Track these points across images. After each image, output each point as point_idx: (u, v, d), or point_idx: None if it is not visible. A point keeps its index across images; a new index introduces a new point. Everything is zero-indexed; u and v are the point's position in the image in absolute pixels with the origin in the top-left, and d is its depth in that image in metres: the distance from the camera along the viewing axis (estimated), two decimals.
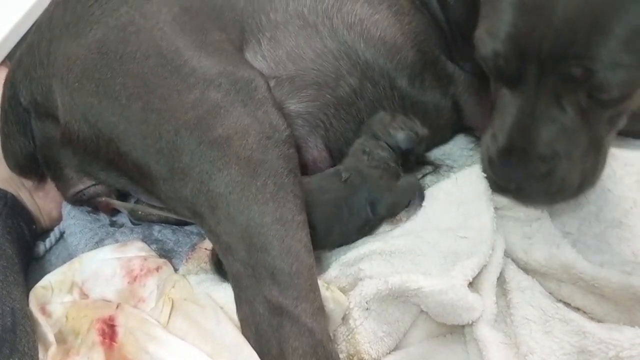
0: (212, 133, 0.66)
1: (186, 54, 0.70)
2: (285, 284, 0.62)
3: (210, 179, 0.65)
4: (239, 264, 0.64)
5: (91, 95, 0.71)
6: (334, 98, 0.82)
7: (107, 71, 0.70)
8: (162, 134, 0.67)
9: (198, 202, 0.66)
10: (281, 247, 0.63)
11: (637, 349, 0.59)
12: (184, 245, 0.82)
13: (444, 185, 0.79)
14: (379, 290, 0.66)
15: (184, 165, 0.66)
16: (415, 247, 0.72)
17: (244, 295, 0.64)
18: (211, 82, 0.68)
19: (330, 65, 0.81)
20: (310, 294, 0.63)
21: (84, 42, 0.72)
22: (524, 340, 0.64)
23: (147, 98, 0.68)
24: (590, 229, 0.79)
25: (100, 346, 0.67)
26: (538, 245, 0.71)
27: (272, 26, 0.81)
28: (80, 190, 0.82)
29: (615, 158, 0.87)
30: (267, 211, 0.64)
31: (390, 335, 0.68)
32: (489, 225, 0.72)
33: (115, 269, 0.75)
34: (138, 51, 0.70)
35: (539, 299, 0.66)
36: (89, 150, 0.74)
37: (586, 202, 0.82)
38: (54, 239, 0.89)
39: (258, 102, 0.69)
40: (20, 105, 0.78)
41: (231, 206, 0.64)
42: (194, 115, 0.67)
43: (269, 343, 0.61)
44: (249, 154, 0.66)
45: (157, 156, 0.68)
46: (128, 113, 0.69)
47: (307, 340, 0.61)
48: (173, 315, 0.68)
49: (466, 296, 0.65)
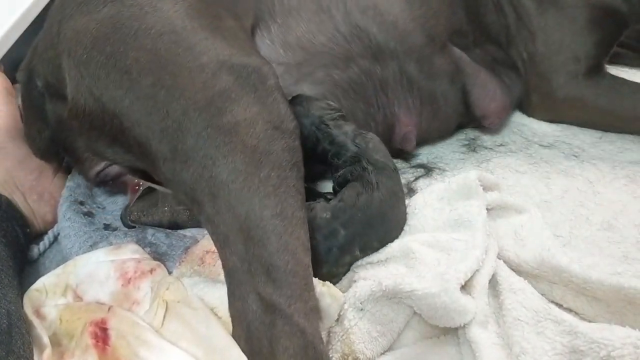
0: (220, 118, 0.64)
1: (201, 34, 0.69)
2: (280, 282, 0.60)
3: (213, 164, 0.64)
4: (236, 258, 0.62)
5: (100, 67, 0.70)
6: (342, 78, 0.83)
7: (119, 45, 0.69)
8: (169, 112, 0.66)
9: (198, 188, 0.65)
10: (279, 243, 0.61)
11: (628, 348, 0.59)
12: (177, 248, 0.82)
13: (436, 189, 0.79)
14: (373, 291, 0.67)
15: (188, 147, 0.65)
16: (409, 250, 0.72)
17: (238, 291, 0.62)
18: (223, 64, 0.67)
19: (341, 48, 0.83)
20: (305, 294, 0.62)
21: (96, 17, 0.71)
22: (516, 341, 0.65)
23: (159, 74, 0.67)
24: (581, 232, 0.80)
25: (93, 349, 0.67)
26: (529, 248, 0.72)
27: (284, 11, 0.82)
28: (100, 171, 0.82)
29: (605, 161, 0.89)
30: (268, 204, 0.62)
31: (385, 336, 0.68)
32: (481, 229, 0.72)
33: (109, 272, 0.74)
34: (153, 28, 0.69)
35: (531, 300, 0.67)
36: (95, 126, 0.73)
37: (577, 205, 0.83)
38: (48, 242, 0.89)
39: (268, 89, 0.68)
40: (36, 88, 0.79)
41: (232, 195, 0.63)
42: (203, 97, 0.65)
43: (260, 341, 0.60)
44: (255, 142, 0.64)
45: (160, 134, 0.67)
46: (137, 87, 0.68)
47: (299, 341, 0.60)
48: (167, 317, 0.68)
49: (459, 299, 0.65)
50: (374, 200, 0.72)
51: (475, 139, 0.96)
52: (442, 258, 0.70)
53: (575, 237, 0.79)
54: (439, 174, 0.90)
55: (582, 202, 0.84)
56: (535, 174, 0.88)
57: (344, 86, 0.84)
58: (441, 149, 0.95)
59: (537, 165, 0.90)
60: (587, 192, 0.85)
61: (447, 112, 0.92)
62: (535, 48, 0.94)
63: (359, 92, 0.85)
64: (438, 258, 0.71)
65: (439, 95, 0.90)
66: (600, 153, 0.90)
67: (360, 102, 0.85)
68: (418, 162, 0.93)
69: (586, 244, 0.78)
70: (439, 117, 0.91)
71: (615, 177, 0.86)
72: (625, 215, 0.81)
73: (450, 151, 0.94)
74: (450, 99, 0.92)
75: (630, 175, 0.86)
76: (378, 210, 0.73)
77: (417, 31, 0.87)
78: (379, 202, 0.73)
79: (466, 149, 0.94)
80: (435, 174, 0.90)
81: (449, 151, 0.94)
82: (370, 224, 0.72)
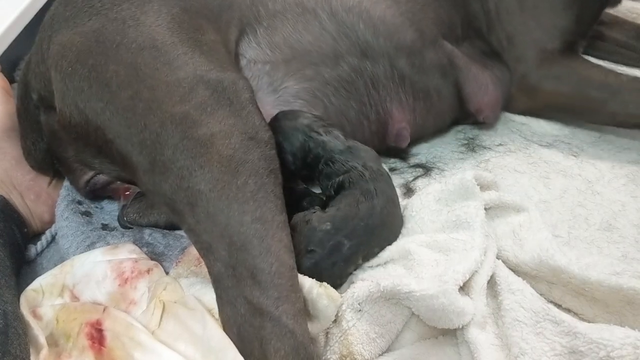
0: (196, 130, 0.66)
1: (180, 49, 0.71)
2: (265, 284, 0.61)
3: (190, 175, 0.65)
4: (220, 264, 0.63)
5: (83, 79, 0.71)
6: (332, 77, 0.83)
7: (101, 58, 0.71)
8: (147, 124, 0.67)
9: (177, 199, 0.66)
10: (261, 246, 0.62)
11: (627, 348, 0.59)
12: (175, 248, 0.82)
13: (433, 190, 0.79)
14: (371, 292, 0.66)
15: (166, 159, 0.66)
16: (407, 252, 0.72)
17: (226, 296, 0.63)
18: (200, 79, 0.69)
19: (328, 46, 0.83)
20: (292, 295, 0.62)
21: (81, 31, 0.73)
22: (515, 341, 0.65)
23: (137, 87, 0.68)
24: (580, 232, 0.80)
25: (90, 350, 0.67)
26: (528, 249, 0.72)
27: (270, 15, 0.83)
28: (89, 179, 0.83)
29: (604, 161, 0.89)
30: (247, 210, 0.63)
31: (383, 337, 0.68)
32: (479, 230, 0.72)
33: (106, 272, 0.74)
34: (134, 42, 0.71)
35: (529, 301, 0.66)
36: (81, 136, 0.75)
37: (576, 205, 0.83)
38: (45, 242, 0.89)
39: (243, 102, 0.69)
40: (32, 102, 0.80)
41: (210, 204, 0.64)
42: (180, 110, 0.67)
43: (251, 344, 0.61)
44: (231, 152, 0.65)
45: (139, 147, 0.68)
46: (116, 100, 0.69)
47: (289, 342, 0.60)
48: (164, 318, 0.68)
49: (457, 301, 0.65)
50: (375, 208, 0.72)
51: (474, 139, 0.96)
52: (441, 259, 0.70)
53: (574, 237, 0.79)
54: (437, 174, 0.89)
55: (581, 202, 0.83)
56: (534, 173, 0.88)
57: (334, 84, 0.84)
58: (440, 149, 0.95)
59: (536, 165, 0.89)
60: (586, 192, 0.85)
61: (441, 107, 0.92)
62: (513, 27, 0.94)
63: (350, 90, 0.85)
64: (436, 259, 0.70)
65: (432, 90, 0.90)
66: (599, 153, 0.90)
67: (351, 100, 0.85)
68: (417, 161, 0.92)
69: (585, 244, 0.78)
70: (433, 112, 0.91)
71: (614, 177, 0.86)
72: (624, 215, 0.81)
73: (449, 151, 0.94)
74: (443, 94, 0.92)
75: (630, 175, 0.86)
76: (380, 217, 0.73)
77: (406, 26, 0.87)
78: (380, 210, 0.73)
79: (465, 149, 0.94)
80: (434, 174, 0.89)
81: (447, 151, 0.94)
82: (372, 232, 0.72)
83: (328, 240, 0.69)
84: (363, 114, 0.88)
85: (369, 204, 0.72)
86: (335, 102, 0.85)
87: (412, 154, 0.94)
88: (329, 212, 0.72)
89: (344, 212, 0.71)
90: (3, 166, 0.86)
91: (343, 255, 0.69)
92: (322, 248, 0.69)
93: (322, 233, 0.69)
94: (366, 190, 0.73)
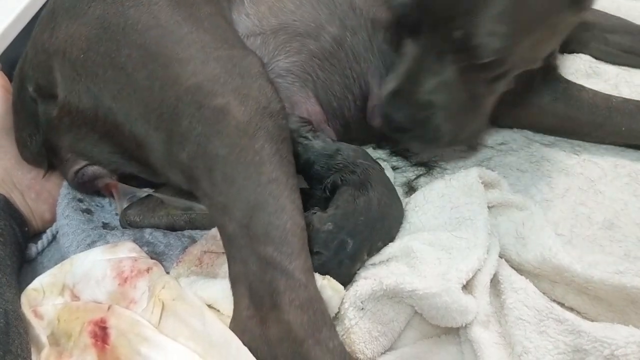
0: (212, 99, 0.67)
1: (185, 28, 0.72)
2: (280, 240, 0.63)
3: (208, 141, 0.66)
4: (235, 224, 0.64)
5: (97, 66, 0.73)
6: (317, 48, 0.85)
7: (112, 43, 0.72)
8: (164, 100, 0.69)
9: (195, 165, 0.67)
10: (276, 205, 0.64)
11: (631, 347, 0.59)
12: (175, 248, 0.82)
13: (437, 187, 0.79)
14: (374, 290, 0.66)
15: (183, 129, 0.68)
16: (410, 249, 0.72)
17: (239, 255, 0.65)
18: (210, 55, 0.70)
19: (309, 15, 0.85)
20: (303, 253, 0.64)
21: (85, 20, 0.74)
22: (518, 340, 0.65)
23: (152, 67, 0.70)
24: (582, 231, 0.80)
25: (92, 348, 0.66)
26: (530, 247, 0.72)
27: None
28: (77, 170, 0.83)
29: (606, 160, 0.89)
30: (264, 171, 0.65)
31: (385, 335, 0.68)
32: (483, 228, 0.72)
33: (105, 271, 0.74)
34: (139, 23, 0.72)
35: (533, 299, 0.66)
36: (86, 122, 0.76)
37: (578, 204, 0.83)
38: (46, 241, 0.88)
39: (254, 76, 0.71)
40: (28, 94, 0.80)
41: (228, 167, 0.65)
42: (195, 82, 0.68)
43: (262, 298, 0.62)
44: (247, 118, 0.67)
45: (157, 122, 0.70)
46: (133, 81, 0.71)
47: (303, 294, 0.62)
48: (164, 316, 0.68)
49: (460, 299, 0.65)
50: (372, 200, 0.72)
51: None
52: (444, 257, 0.70)
53: (576, 235, 0.79)
54: (439, 173, 0.89)
55: (583, 201, 0.83)
56: (536, 172, 0.88)
57: (319, 57, 0.85)
58: None
59: (538, 164, 0.89)
60: (588, 190, 0.85)
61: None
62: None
63: (333, 62, 0.86)
64: (439, 257, 0.70)
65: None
66: (602, 152, 0.89)
67: (336, 74, 0.87)
68: (419, 160, 0.92)
69: (587, 243, 0.78)
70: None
71: (616, 175, 0.86)
72: (626, 214, 0.81)
73: (452, 150, 0.94)
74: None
75: (632, 174, 0.86)
76: (378, 209, 0.73)
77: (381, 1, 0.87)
78: (377, 202, 0.73)
79: (467, 148, 0.94)
80: (436, 172, 0.89)
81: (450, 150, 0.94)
82: (373, 226, 0.72)
83: (332, 240, 0.69)
84: (347, 88, 0.88)
85: (366, 198, 0.72)
86: (322, 77, 0.86)
87: (414, 152, 0.94)
88: (328, 212, 0.72)
89: (343, 209, 0.72)
90: (3, 165, 0.86)
91: (348, 253, 0.69)
92: (327, 249, 0.69)
93: (325, 234, 0.69)
94: (360, 185, 0.74)
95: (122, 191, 0.86)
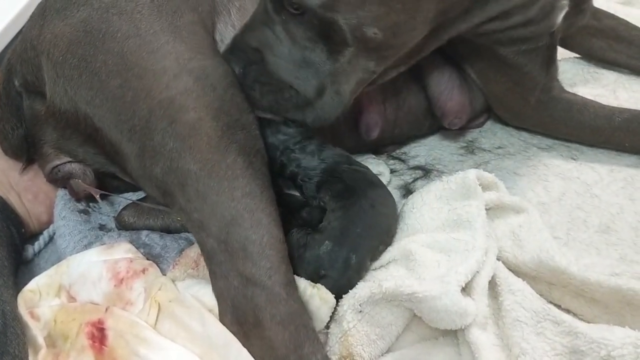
0: (184, 114, 0.68)
1: (162, 38, 0.72)
2: (257, 255, 0.64)
3: (180, 156, 0.67)
4: (212, 240, 0.65)
5: (73, 69, 0.73)
6: None
7: (90, 48, 0.72)
8: (136, 111, 0.69)
9: (168, 181, 0.68)
10: (252, 219, 0.65)
11: (627, 348, 0.59)
12: (172, 250, 0.81)
13: (434, 188, 0.79)
14: (373, 293, 0.66)
15: (155, 143, 0.68)
16: (408, 252, 0.72)
17: (219, 271, 0.65)
18: (184, 67, 0.70)
19: None
20: (282, 266, 0.65)
21: (71, 22, 0.74)
22: (516, 342, 0.65)
23: (126, 76, 0.70)
24: (578, 234, 0.80)
25: (90, 350, 0.66)
26: (528, 249, 0.72)
27: None
28: (55, 166, 0.83)
29: (602, 163, 0.89)
30: (237, 186, 0.66)
31: (383, 338, 0.68)
32: (481, 230, 0.72)
33: (101, 272, 0.74)
34: (119, 31, 0.72)
35: (530, 301, 0.67)
36: (70, 124, 0.76)
37: (574, 208, 0.83)
38: (43, 242, 0.88)
39: (226, 86, 0.71)
40: (14, 87, 0.81)
41: (200, 182, 0.66)
42: (167, 96, 0.69)
43: (245, 314, 0.63)
44: (219, 134, 0.68)
45: (129, 134, 0.70)
46: (106, 89, 0.71)
47: (284, 309, 0.63)
48: (160, 317, 0.68)
49: (460, 302, 0.65)
50: (363, 207, 0.73)
51: (473, 141, 0.96)
52: (442, 260, 0.70)
53: (572, 239, 0.80)
54: (437, 176, 0.89)
55: (579, 204, 0.84)
56: (533, 176, 0.89)
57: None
58: (439, 151, 0.95)
59: (535, 167, 0.90)
60: (584, 194, 0.85)
61: (411, 103, 0.91)
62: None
63: None
64: (438, 260, 0.70)
65: (401, 82, 0.89)
66: (598, 156, 0.90)
67: None
68: (416, 163, 0.93)
69: (583, 246, 0.79)
70: (404, 107, 0.90)
71: (612, 180, 0.86)
72: (622, 217, 0.81)
73: (449, 153, 0.94)
74: (412, 91, 0.91)
75: (628, 178, 0.86)
76: (372, 214, 0.73)
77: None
78: (369, 206, 0.73)
79: (464, 151, 0.94)
80: (433, 176, 0.90)
81: (447, 153, 0.94)
82: (370, 233, 0.72)
83: (336, 260, 0.70)
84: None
85: (357, 207, 0.73)
86: None
87: (411, 155, 0.94)
88: (322, 229, 0.73)
89: (338, 224, 0.72)
90: (1, 166, 0.86)
91: (354, 268, 0.70)
92: (333, 270, 0.69)
93: (326, 255, 0.70)
94: (349, 194, 0.74)
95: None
